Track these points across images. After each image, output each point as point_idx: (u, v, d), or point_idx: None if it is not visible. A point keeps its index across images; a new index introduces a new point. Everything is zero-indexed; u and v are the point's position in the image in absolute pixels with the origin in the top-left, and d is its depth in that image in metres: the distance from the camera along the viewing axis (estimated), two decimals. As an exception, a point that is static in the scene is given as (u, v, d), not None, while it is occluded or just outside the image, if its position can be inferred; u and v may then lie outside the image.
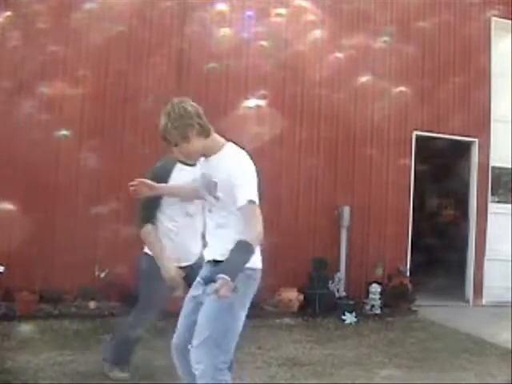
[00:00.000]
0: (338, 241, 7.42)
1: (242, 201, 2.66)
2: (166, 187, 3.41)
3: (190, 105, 2.81)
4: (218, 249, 2.82)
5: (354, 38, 7.56)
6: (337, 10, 7.62)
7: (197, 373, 2.72)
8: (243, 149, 2.87)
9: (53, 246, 6.27)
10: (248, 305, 2.84)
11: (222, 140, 2.86)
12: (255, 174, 2.79)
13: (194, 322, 2.79)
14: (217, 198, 2.80)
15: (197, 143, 2.76)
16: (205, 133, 2.78)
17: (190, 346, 2.77)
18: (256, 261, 2.83)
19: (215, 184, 2.77)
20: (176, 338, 2.95)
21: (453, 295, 8.15)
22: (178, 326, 2.96)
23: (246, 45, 7.15)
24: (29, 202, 6.13)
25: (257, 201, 2.69)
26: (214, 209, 2.86)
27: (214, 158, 2.81)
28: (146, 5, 6.86)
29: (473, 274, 8.15)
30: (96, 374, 4.22)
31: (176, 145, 2.77)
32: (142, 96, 6.77)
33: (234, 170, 2.71)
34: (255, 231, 2.63)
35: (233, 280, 2.47)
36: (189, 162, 3.18)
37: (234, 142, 2.91)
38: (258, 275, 2.87)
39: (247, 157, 2.83)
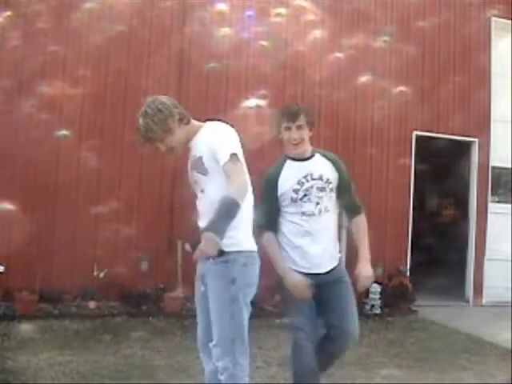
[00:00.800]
0: (338, 241, 7.40)
1: (224, 157, 2.61)
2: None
3: (165, 98, 2.84)
4: None
5: (354, 38, 7.56)
6: (337, 9, 7.62)
7: (219, 368, 2.73)
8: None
9: (53, 246, 6.27)
10: (254, 291, 2.79)
11: (200, 123, 2.87)
12: (236, 136, 2.77)
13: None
14: (206, 172, 2.73)
15: (179, 133, 2.79)
16: (185, 120, 2.81)
17: (210, 344, 2.77)
18: (246, 243, 2.76)
19: (200, 158, 2.74)
20: (198, 333, 2.94)
21: (453, 295, 8.14)
22: (198, 321, 2.94)
23: (246, 45, 7.15)
24: (29, 201, 6.14)
25: (239, 154, 2.66)
26: (206, 186, 2.77)
27: (194, 140, 2.82)
28: (146, 5, 6.86)
29: (473, 274, 8.15)
30: (96, 374, 4.22)
31: (161, 141, 2.79)
32: (142, 96, 6.77)
33: (212, 136, 2.74)
34: (237, 184, 2.56)
35: (219, 236, 2.42)
36: (177, 152, 2.93)
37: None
38: (254, 258, 2.79)
39: (224, 125, 2.82)
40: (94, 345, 5.01)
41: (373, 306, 7.02)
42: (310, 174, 3.30)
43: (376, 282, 7.13)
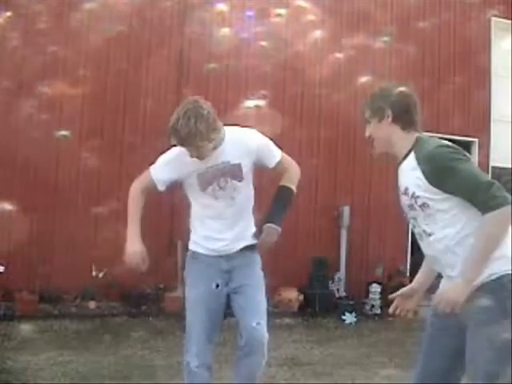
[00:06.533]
0: (338, 241, 7.42)
1: (276, 155, 2.88)
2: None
3: (202, 101, 2.76)
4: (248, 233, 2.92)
5: (354, 37, 7.56)
6: (337, 9, 7.62)
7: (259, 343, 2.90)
8: None
9: (53, 246, 6.27)
10: None
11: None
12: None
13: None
14: (242, 179, 2.84)
15: (216, 138, 2.78)
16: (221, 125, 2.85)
17: (254, 323, 2.87)
18: None
19: (238, 165, 2.81)
20: (201, 335, 2.91)
21: (453, 295, 8.12)
22: (201, 321, 2.93)
23: (246, 45, 7.15)
24: (29, 202, 6.14)
25: None
26: (237, 194, 2.86)
27: (223, 146, 2.82)
28: (146, 5, 6.87)
29: (473, 274, 8.14)
30: (96, 374, 4.22)
31: (199, 146, 2.71)
32: (142, 96, 6.79)
33: (249, 143, 2.85)
34: (296, 173, 2.92)
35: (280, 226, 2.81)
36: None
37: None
38: None
39: (248, 128, 2.98)
40: (94, 345, 5.01)
41: (373, 306, 7.03)
42: None
43: (376, 282, 7.16)
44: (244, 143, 2.84)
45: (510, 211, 2.05)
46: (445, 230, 2.19)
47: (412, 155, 2.24)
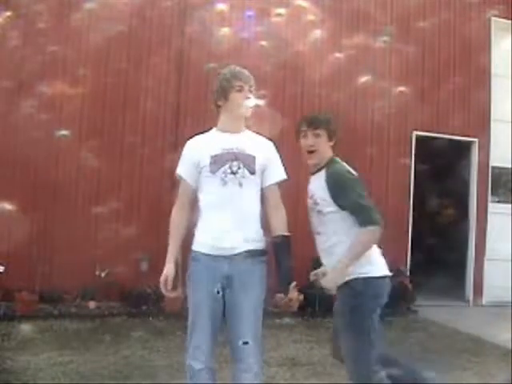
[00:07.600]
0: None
1: (278, 177, 3.00)
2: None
3: None
4: (255, 236, 2.89)
5: (354, 38, 7.56)
6: (337, 9, 7.62)
7: (248, 366, 2.79)
8: None
9: (53, 246, 6.27)
10: None
11: None
12: None
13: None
14: (253, 172, 2.86)
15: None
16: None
17: (241, 343, 2.79)
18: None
19: (253, 157, 2.87)
20: (202, 337, 2.88)
21: (453, 295, 8.14)
22: (202, 325, 2.89)
23: (246, 45, 7.15)
24: (29, 201, 6.14)
25: None
26: (246, 183, 2.85)
27: (247, 135, 2.98)
28: (146, 5, 6.87)
29: (473, 274, 8.15)
30: (96, 374, 4.22)
31: (251, 93, 3.26)
32: (142, 96, 6.79)
33: (272, 150, 3.01)
34: (284, 216, 3.08)
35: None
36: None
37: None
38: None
39: None
40: (94, 345, 5.01)
41: (373, 306, 7.01)
42: None
43: (376, 282, 7.14)
44: (261, 144, 2.96)
45: (378, 230, 3.12)
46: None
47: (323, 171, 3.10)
